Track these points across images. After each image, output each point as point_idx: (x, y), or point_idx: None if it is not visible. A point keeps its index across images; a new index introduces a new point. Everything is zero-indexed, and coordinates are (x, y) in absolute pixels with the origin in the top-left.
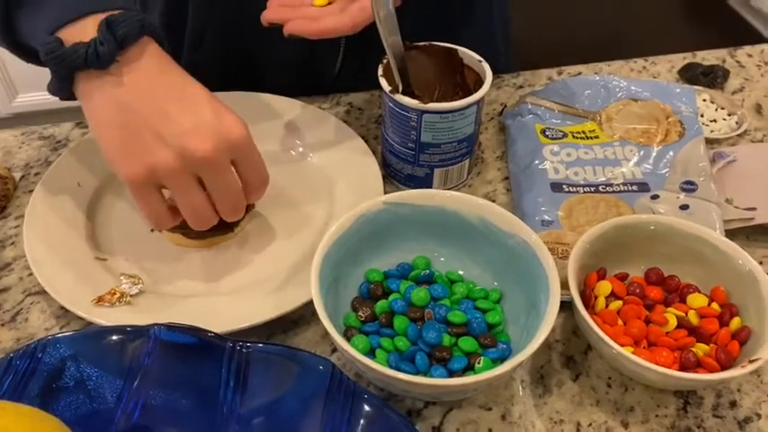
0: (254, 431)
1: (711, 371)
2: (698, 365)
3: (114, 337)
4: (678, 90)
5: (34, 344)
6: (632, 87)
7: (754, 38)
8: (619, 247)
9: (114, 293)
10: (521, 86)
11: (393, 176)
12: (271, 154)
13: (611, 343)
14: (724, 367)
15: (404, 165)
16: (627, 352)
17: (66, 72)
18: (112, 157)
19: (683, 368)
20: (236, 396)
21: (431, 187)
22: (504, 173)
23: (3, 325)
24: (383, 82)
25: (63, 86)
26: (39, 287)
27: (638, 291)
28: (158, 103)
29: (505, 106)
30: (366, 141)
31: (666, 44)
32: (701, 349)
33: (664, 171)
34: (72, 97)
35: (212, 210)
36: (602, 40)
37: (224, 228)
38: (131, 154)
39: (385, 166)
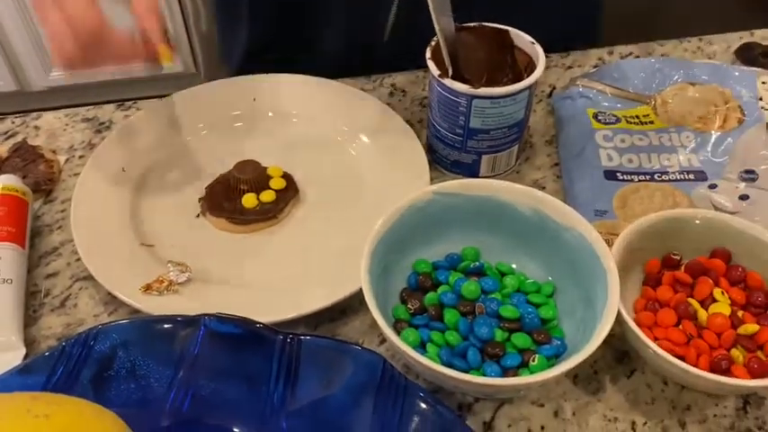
0: (303, 424)
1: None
2: (727, 371)
3: (165, 327)
4: (737, 73)
5: (86, 332)
6: (689, 70)
7: None
8: (669, 239)
9: (162, 281)
10: (570, 67)
11: (438, 162)
12: (315, 138)
13: (647, 340)
14: (755, 376)
15: (450, 151)
16: (666, 353)
17: None
18: None
19: (712, 370)
20: (287, 389)
21: (478, 174)
22: (554, 159)
23: (53, 310)
24: (431, 65)
25: None
26: (87, 272)
27: (696, 267)
28: None
29: (554, 88)
30: (410, 125)
31: (712, 22)
32: (741, 353)
33: (722, 159)
34: None
35: None
36: (643, 14)
37: (268, 213)
38: None
39: (430, 152)
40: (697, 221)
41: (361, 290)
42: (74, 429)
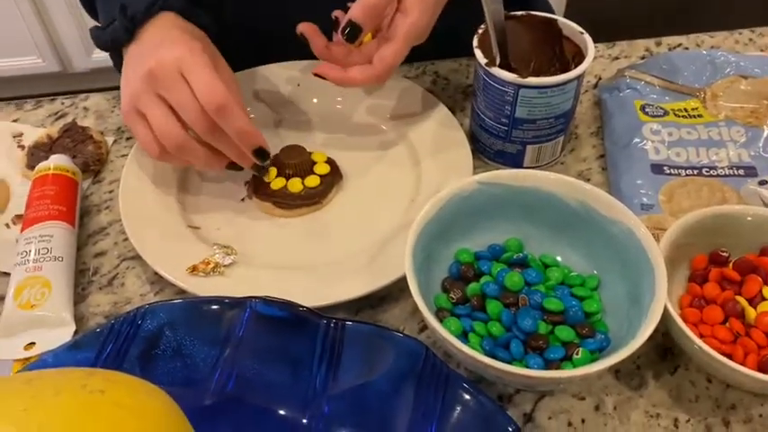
0: (344, 408)
1: None
2: None
3: (211, 308)
4: None
5: (134, 311)
6: (741, 63)
7: None
8: (717, 235)
9: (208, 263)
10: (616, 58)
11: (482, 152)
12: (359, 124)
13: (694, 338)
14: None
15: (495, 140)
16: (712, 351)
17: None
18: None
19: (760, 369)
20: (329, 373)
21: (522, 164)
22: (600, 150)
23: (100, 289)
24: (478, 53)
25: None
26: (133, 252)
27: (744, 265)
28: (142, 58)
29: (600, 78)
30: (453, 113)
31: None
32: None
33: None
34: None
35: (175, 122)
36: (686, 5)
37: (313, 198)
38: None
39: (474, 141)
40: (749, 218)
41: (402, 277)
42: (127, 405)
